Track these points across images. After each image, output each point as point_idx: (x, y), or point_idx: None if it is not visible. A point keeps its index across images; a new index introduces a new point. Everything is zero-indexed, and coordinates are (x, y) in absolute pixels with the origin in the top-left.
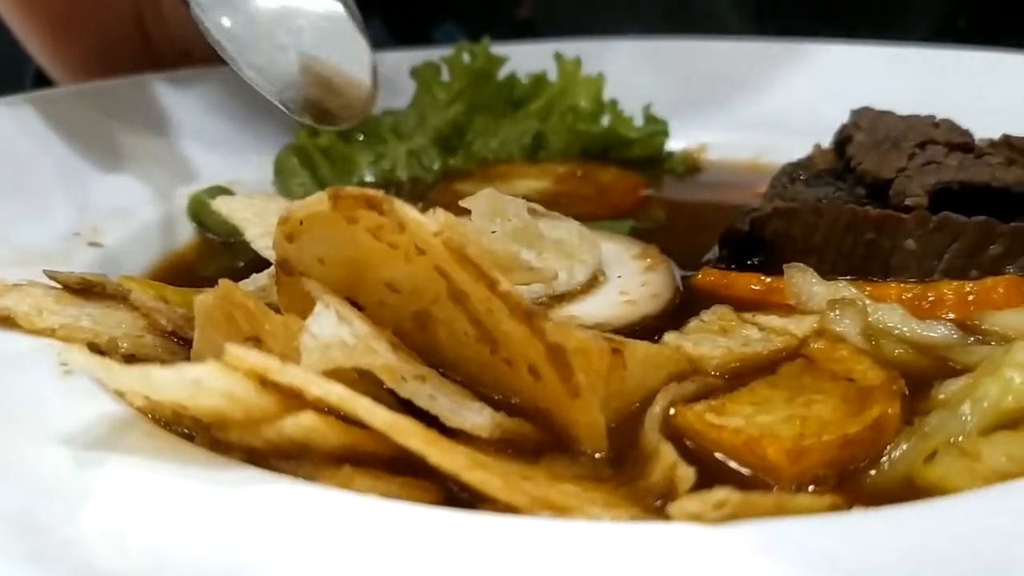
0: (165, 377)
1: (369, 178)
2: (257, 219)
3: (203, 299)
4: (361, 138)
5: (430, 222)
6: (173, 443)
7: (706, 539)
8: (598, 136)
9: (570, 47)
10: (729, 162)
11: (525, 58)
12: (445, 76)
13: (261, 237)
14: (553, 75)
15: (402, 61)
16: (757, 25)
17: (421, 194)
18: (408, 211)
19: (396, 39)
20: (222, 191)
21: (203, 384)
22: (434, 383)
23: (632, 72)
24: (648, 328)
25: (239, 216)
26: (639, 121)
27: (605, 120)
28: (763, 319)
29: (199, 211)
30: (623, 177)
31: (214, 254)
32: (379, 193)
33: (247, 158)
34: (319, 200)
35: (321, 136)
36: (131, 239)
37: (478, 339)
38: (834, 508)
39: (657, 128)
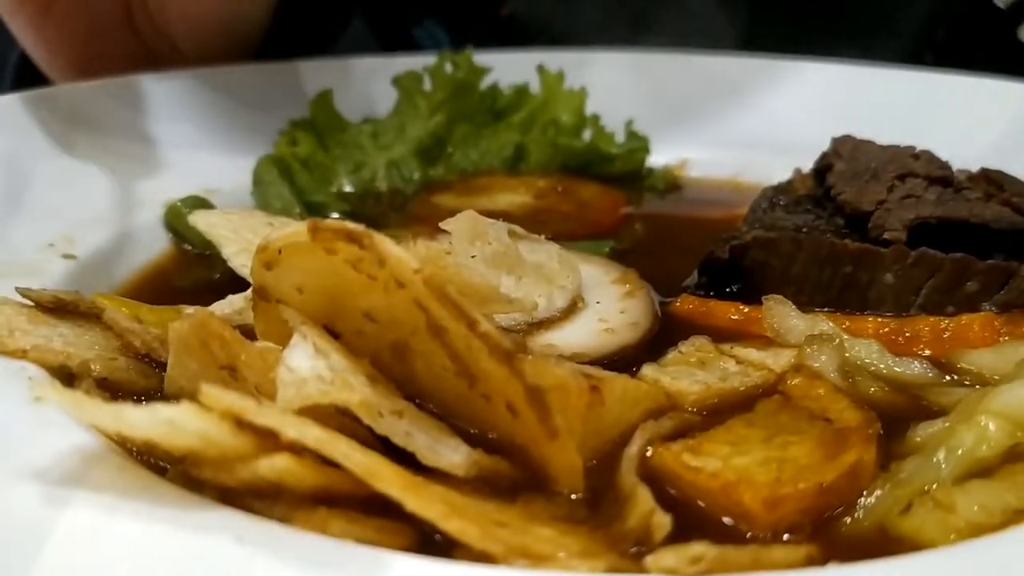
0: (138, 416)
1: (348, 188)
2: (234, 236)
3: (178, 326)
4: (339, 145)
5: (410, 258)
6: (144, 480)
7: None
8: (579, 151)
9: (553, 58)
10: (710, 180)
11: (507, 68)
12: (427, 86)
13: (238, 255)
14: (536, 86)
15: (384, 68)
16: (743, 39)
17: (400, 205)
18: (388, 246)
19: (377, 38)
20: (199, 202)
21: (177, 424)
22: (411, 418)
23: (615, 85)
24: (626, 357)
25: (216, 232)
26: (621, 136)
27: (587, 135)
28: (741, 352)
29: (175, 221)
30: (604, 194)
31: (190, 265)
32: (359, 227)
33: (225, 166)
34: (298, 231)
35: (300, 145)
36: (106, 250)
37: (456, 373)
38: (810, 560)
39: (638, 144)
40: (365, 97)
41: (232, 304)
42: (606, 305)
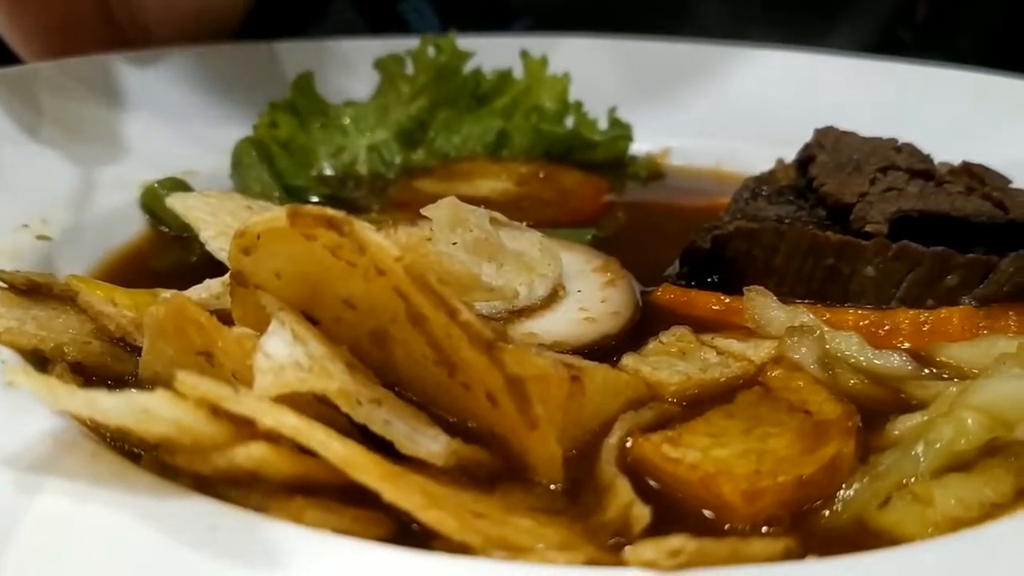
0: (112, 403)
1: (328, 171)
2: (212, 219)
3: (154, 311)
4: (320, 128)
5: (391, 246)
6: (118, 467)
7: None
8: (562, 137)
9: (536, 43)
10: (692, 169)
11: (491, 52)
12: (409, 69)
13: (216, 238)
14: (519, 71)
15: (366, 51)
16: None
17: (381, 190)
18: (369, 233)
19: (363, 15)
20: (177, 184)
21: (151, 412)
22: (390, 407)
23: (598, 71)
24: (607, 347)
25: (194, 215)
26: (604, 123)
27: (569, 121)
28: (722, 342)
29: (153, 203)
30: (586, 181)
31: (167, 248)
32: (339, 213)
33: (204, 147)
34: (277, 216)
35: (280, 128)
36: (81, 231)
37: (436, 362)
38: (788, 553)
39: (621, 132)
40: (346, 79)
41: (209, 288)
42: (587, 294)
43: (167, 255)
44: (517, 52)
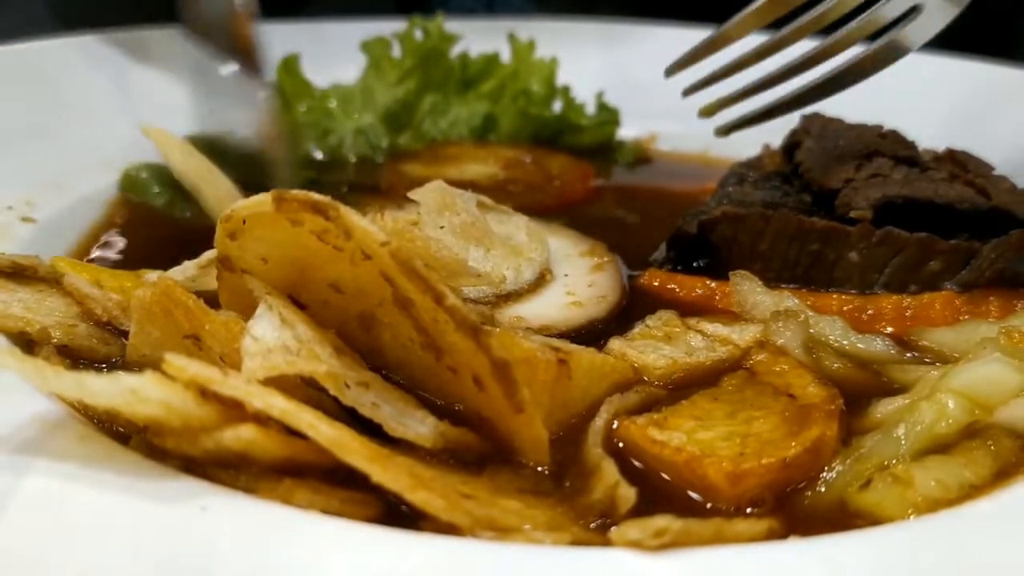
0: (100, 385)
1: (317, 155)
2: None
3: (141, 294)
4: (306, 111)
5: (377, 232)
6: (107, 449)
7: (646, 568)
8: (549, 121)
9: (524, 27)
10: (679, 154)
11: (478, 35)
12: (396, 52)
13: (183, 163)
14: (506, 55)
15: (353, 33)
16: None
17: (367, 173)
18: (355, 218)
19: None
20: (153, 168)
21: (140, 393)
22: (377, 390)
23: (587, 56)
24: (593, 330)
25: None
26: (592, 107)
27: (557, 106)
28: (707, 326)
29: (131, 187)
30: (573, 166)
31: (149, 227)
32: (325, 198)
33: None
34: (262, 201)
35: None
36: (67, 213)
37: (423, 346)
38: (771, 533)
39: (609, 117)
40: (334, 62)
41: (185, 271)
42: (574, 278)
43: (149, 234)
44: (505, 35)
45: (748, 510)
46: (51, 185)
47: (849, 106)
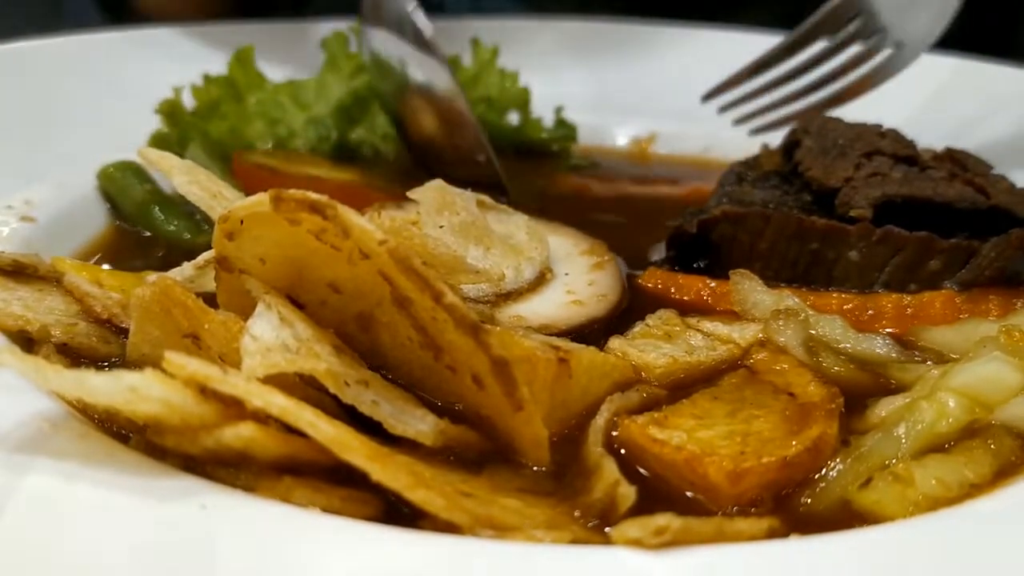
0: (100, 383)
1: (263, 144)
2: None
3: (141, 293)
4: (256, 102)
5: (375, 230)
6: (107, 447)
7: (646, 567)
8: (507, 133)
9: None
10: (679, 154)
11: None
12: (353, 47)
13: (189, 184)
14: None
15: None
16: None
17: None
18: (353, 217)
19: None
20: (131, 166)
21: (140, 391)
22: (377, 388)
23: (581, 55)
24: (594, 329)
25: (166, 164)
26: (583, 111)
27: (515, 118)
28: (707, 325)
29: (109, 186)
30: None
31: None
32: (323, 198)
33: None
34: (260, 201)
35: (211, 94)
36: (66, 213)
37: (422, 345)
38: (772, 532)
39: (566, 132)
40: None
41: (183, 272)
42: (575, 277)
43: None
44: (489, 37)
45: (749, 509)
46: (51, 185)
47: (849, 105)
